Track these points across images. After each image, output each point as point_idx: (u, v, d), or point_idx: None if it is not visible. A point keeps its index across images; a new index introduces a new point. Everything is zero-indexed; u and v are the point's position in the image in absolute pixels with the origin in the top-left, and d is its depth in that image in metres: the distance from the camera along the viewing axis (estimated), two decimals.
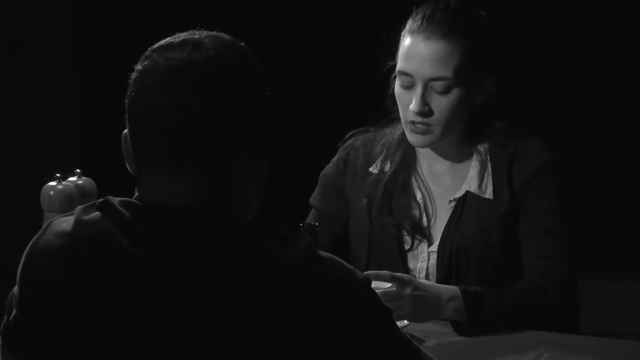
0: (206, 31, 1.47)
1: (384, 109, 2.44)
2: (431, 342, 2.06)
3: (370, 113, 2.48)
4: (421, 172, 2.42)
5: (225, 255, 1.35)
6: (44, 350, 1.41)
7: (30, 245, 1.45)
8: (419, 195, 2.40)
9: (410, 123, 2.30)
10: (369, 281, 1.41)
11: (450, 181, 2.39)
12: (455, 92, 2.28)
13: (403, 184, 2.40)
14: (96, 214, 1.41)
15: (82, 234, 1.40)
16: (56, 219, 1.47)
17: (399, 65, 2.31)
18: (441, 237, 2.35)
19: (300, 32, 4.26)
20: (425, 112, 2.28)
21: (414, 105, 2.27)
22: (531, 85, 4.31)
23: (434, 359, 1.49)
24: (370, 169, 2.44)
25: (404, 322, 2.09)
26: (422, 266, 2.37)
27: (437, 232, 2.37)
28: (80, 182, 2.20)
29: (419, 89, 2.27)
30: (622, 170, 4.68)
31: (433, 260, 2.36)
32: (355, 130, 2.51)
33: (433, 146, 2.36)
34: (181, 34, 1.46)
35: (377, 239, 2.39)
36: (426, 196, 2.40)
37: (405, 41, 2.30)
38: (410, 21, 2.32)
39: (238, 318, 1.33)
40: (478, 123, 2.37)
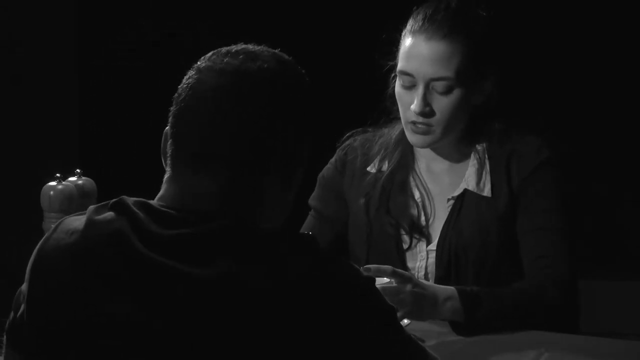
0: (268, 48, 1.49)
1: (382, 109, 2.44)
2: (431, 342, 2.06)
3: (368, 113, 2.48)
4: (419, 172, 2.42)
5: (236, 259, 1.35)
6: (51, 349, 1.40)
7: (40, 243, 1.45)
8: (417, 194, 2.40)
9: (411, 123, 2.30)
10: (374, 281, 1.41)
11: (448, 180, 2.39)
12: (457, 93, 2.28)
13: (401, 183, 2.41)
14: (109, 213, 1.41)
15: (95, 233, 1.40)
16: (67, 218, 1.46)
17: (400, 65, 2.31)
18: (440, 236, 2.35)
19: (298, 33, 4.25)
20: (427, 113, 2.28)
21: (416, 105, 2.28)
22: (531, 85, 4.31)
23: (438, 358, 1.49)
24: (368, 169, 2.44)
25: (404, 322, 2.09)
26: (421, 265, 2.37)
27: (436, 231, 2.37)
28: (80, 182, 2.20)
29: (420, 89, 2.27)
30: (622, 170, 4.68)
31: (432, 259, 2.36)
32: (353, 130, 2.52)
33: (433, 146, 2.36)
34: (241, 45, 1.48)
35: (376, 238, 2.40)
36: (424, 195, 2.40)
37: (407, 41, 2.30)
38: (412, 21, 2.32)
39: (245, 319, 1.32)
40: (478, 123, 2.37)
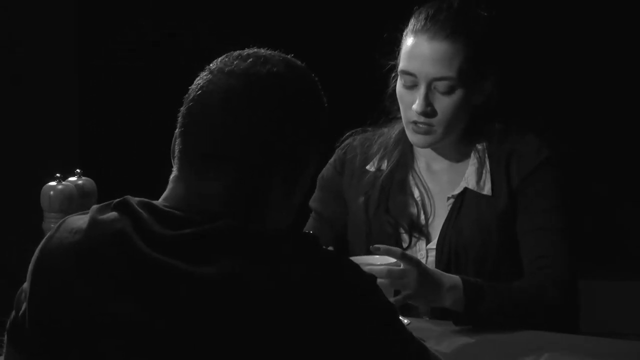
0: (280, 52, 1.49)
1: (382, 109, 2.44)
2: (431, 342, 2.05)
3: (367, 114, 2.47)
4: (419, 170, 2.42)
5: (239, 259, 1.35)
6: (53, 349, 1.40)
7: (43, 241, 1.44)
8: (416, 193, 2.40)
9: (412, 123, 2.30)
10: (374, 278, 1.41)
11: (447, 179, 2.39)
12: (458, 93, 2.28)
13: (400, 182, 2.41)
14: (113, 213, 1.41)
15: (98, 232, 1.39)
16: (70, 217, 1.46)
17: (402, 65, 2.31)
18: (439, 234, 2.35)
19: (298, 33, 4.25)
20: (429, 113, 2.28)
21: (418, 105, 2.27)
22: (531, 85, 4.31)
23: (440, 358, 1.49)
24: (367, 167, 2.44)
25: (405, 322, 2.09)
26: None
27: (435, 230, 2.37)
28: (80, 182, 2.20)
29: (422, 89, 2.27)
30: (622, 170, 4.68)
31: (432, 258, 2.36)
32: (353, 130, 2.51)
33: (434, 146, 2.36)
34: (253, 49, 1.49)
35: (375, 237, 2.39)
36: (424, 194, 2.40)
37: (408, 41, 2.30)
38: (413, 21, 2.31)
39: (247, 319, 1.32)
40: (478, 123, 2.37)
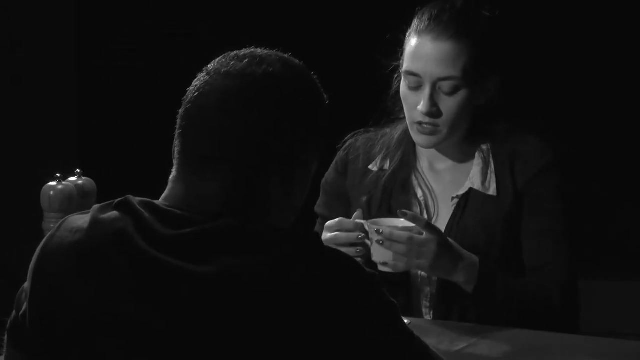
0: (277, 52, 1.49)
1: (384, 110, 2.44)
2: (432, 342, 2.05)
3: (369, 115, 2.47)
4: (422, 170, 2.42)
5: (239, 259, 1.35)
6: (53, 349, 1.40)
7: (44, 240, 1.44)
8: (419, 193, 2.39)
9: (417, 124, 2.29)
10: (377, 277, 1.41)
11: (451, 178, 2.39)
12: (463, 92, 2.27)
13: (403, 182, 2.40)
14: (114, 212, 1.41)
15: (99, 232, 1.40)
16: (71, 216, 1.46)
17: (406, 66, 2.30)
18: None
19: (298, 33, 4.25)
20: (434, 113, 2.27)
21: (423, 106, 2.27)
22: (532, 85, 4.31)
23: (441, 357, 1.49)
24: (370, 167, 2.43)
25: (405, 321, 2.09)
26: None
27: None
28: (80, 182, 2.20)
29: (427, 90, 2.27)
30: (622, 170, 4.68)
31: None
32: (355, 131, 2.51)
33: (438, 146, 2.36)
34: (250, 48, 1.49)
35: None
36: (427, 194, 2.39)
37: (412, 42, 2.29)
38: (417, 21, 2.31)
39: (247, 318, 1.32)
40: (480, 123, 2.36)
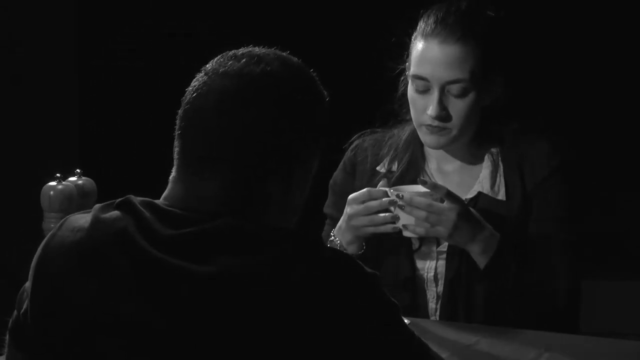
0: (275, 50, 1.49)
1: (390, 111, 2.43)
2: (432, 342, 2.05)
3: (376, 115, 2.46)
4: (430, 172, 2.41)
5: (240, 258, 1.35)
6: (54, 348, 1.40)
7: (45, 240, 1.44)
8: None
9: (426, 126, 2.29)
10: (377, 276, 1.41)
11: (459, 180, 2.38)
12: (471, 94, 2.27)
13: (411, 184, 2.39)
14: (115, 212, 1.42)
15: (101, 231, 1.40)
16: (72, 215, 1.46)
17: (414, 70, 2.29)
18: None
19: (300, 33, 4.23)
20: (443, 117, 2.27)
21: (432, 110, 2.26)
22: (539, 85, 4.30)
23: (442, 357, 1.49)
24: (378, 168, 2.43)
25: (405, 321, 2.09)
26: (431, 266, 2.37)
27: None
28: (80, 182, 2.20)
29: (435, 94, 2.26)
30: (622, 170, 4.67)
31: (442, 260, 2.35)
32: (361, 132, 2.50)
33: (446, 148, 2.35)
34: (248, 47, 1.49)
35: (385, 238, 2.38)
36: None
37: (419, 45, 2.28)
38: (422, 24, 2.30)
39: (248, 318, 1.32)
40: (488, 124, 2.36)
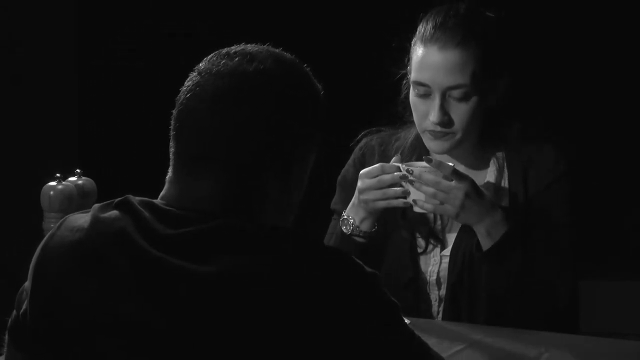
0: (269, 47, 1.49)
1: (394, 113, 2.42)
2: (432, 342, 2.05)
3: (380, 114, 2.45)
4: None
5: (240, 258, 1.35)
6: (54, 348, 1.40)
7: (44, 240, 1.45)
8: None
9: (429, 131, 2.28)
10: (377, 276, 1.41)
11: None
12: (473, 98, 2.25)
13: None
14: (114, 212, 1.42)
15: (100, 231, 1.40)
16: (71, 215, 1.46)
17: (414, 76, 2.27)
18: (454, 242, 2.34)
19: (301, 33, 4.23)
20: (446, 122, 2.25)
21: (434, 116, 2.24)
22: (541, 83, 4.29)
23: (441, 356, 1.49)
24: None
25: (405, 321, 2.09)
26: (434, 269, 2.37)
27: (452, 236, 2.36)
28: (80, 182, 2.20)
29: (437, 100, 2.24)
30: (623, 169, 4.67)
31: (445, 264, 2.35)
32: (368, 130, 2.49)
33: (451, 152, 2.35)
34: (241, 45, 1.48)
35: (391, 240, 2.38)
36: None
37: (419, 51, 2.27)
38: (421, 29, 2.28)
39: (247, 318, 1.33)
40: (492, 126, 2.35)
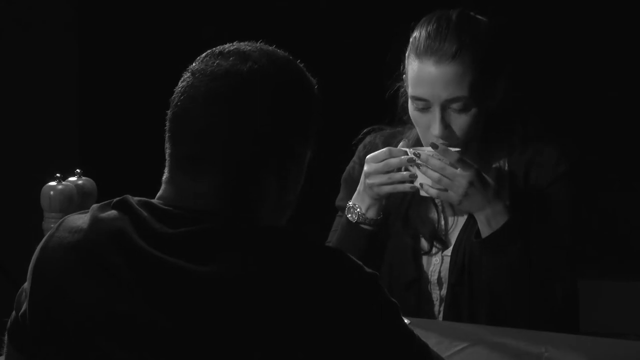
0: (262, 45, 1.49)
1: (394, 115, 2.41)
2: (432, 342, 2.05)
3: (382, 112, 2.45)
4: None
5: (239, 257, 1.35)
6: (53, 349, 1.40)
7: (43, 241, 1.45)
8: (438, 201, 2.38)
9: (433, 143, 2.26)
10: (376, 276, 1.41)
11: None
12: (474, 108, 2.24)
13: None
14: (112, 212, 1.42)
15: (98, 231, 1.40)
16: (70, 216, 1.47)
17: (412, 91, 2.25)
18: (455, 243, 2.35)
19: (302, 33, 4.24)
20: (447, 135, 2.24)
21: (435, 129, 2.23)
22: (540, 84, 4.30)
23: (441, 357, 1.49)
24: None
25: (405, 321, 2.09)
26: (435, 269, 2.37)
27: (454, 236, 2.37)
28: (80, 182, 2.20)
29: (437, 113, 2.23)
30: (623, 169, 4.67)
31: (446, 264, 2.36)
32: (370, 127, 2.48)
33: None
34: (235, 44, 1.48)
35: (394, 241, 2.39)
36: (445, 203, 2.37)
37: (414, 64, 2.24)
38: (414, 41, 2.25)
39: (247, 317, 1.33)
40: (492, 130, 2.34)
